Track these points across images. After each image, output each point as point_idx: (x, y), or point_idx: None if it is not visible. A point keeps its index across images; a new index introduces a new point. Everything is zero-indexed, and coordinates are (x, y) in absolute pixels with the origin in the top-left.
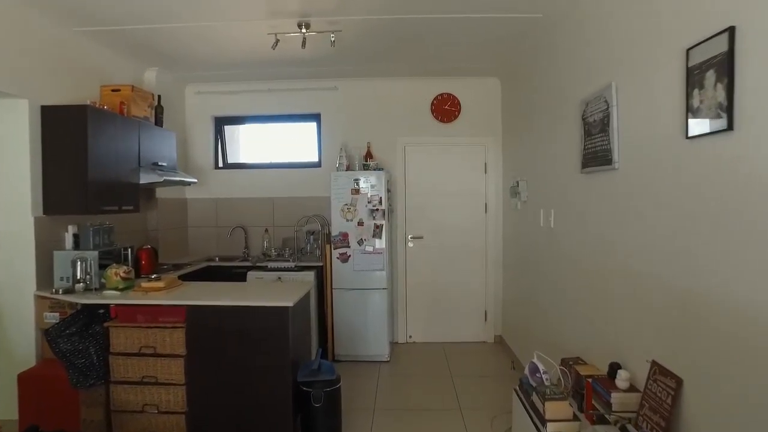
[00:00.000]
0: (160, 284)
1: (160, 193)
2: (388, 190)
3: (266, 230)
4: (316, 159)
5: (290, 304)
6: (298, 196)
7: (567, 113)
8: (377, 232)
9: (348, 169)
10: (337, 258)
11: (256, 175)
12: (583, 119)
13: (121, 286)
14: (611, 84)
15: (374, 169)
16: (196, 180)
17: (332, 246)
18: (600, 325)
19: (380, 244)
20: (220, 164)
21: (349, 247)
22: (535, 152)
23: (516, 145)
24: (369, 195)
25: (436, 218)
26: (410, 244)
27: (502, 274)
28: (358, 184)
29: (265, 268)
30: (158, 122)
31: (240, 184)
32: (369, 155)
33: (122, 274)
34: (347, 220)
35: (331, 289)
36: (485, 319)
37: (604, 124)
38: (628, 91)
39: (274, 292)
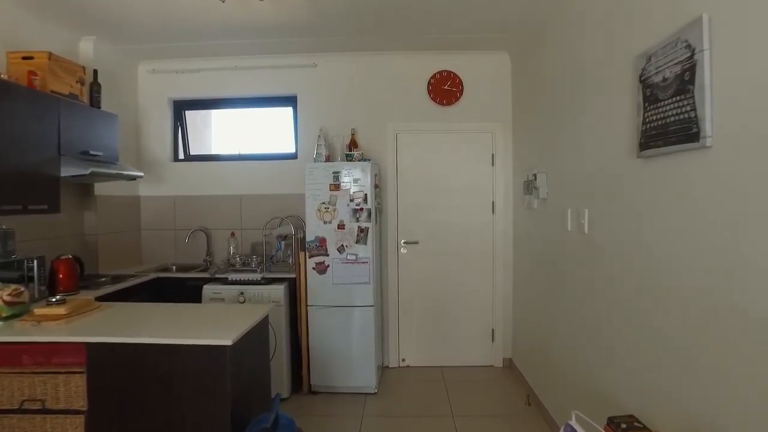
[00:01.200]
0: (60, 310)
1: (102, 189)
2: (376, 186)
3: (232, 234)
4: (292, 150)
5: (228, 342)
6: (270, 194)
7: (610, 79)
8: (362, 236)
9: (328, 160)
10: (313, 268)
11: (221, 168)
12: (643, 81)
13: (4, 314)
14: (701, 18)
15: (359, 160)
16: (141, 174)
17: (307, 254)
18: (670, 372)
19: (365, 251)
20: (181, 156)
21: (327, 255)
22: (559, 137)
23: (531, 131)
24: (352, 192)
25: (434, 220)
26: (403, 251)
27: (513, 287)
28: (338, 179)
29: (225, 281)
30: (94, 102)
31: (203, 179)
32: (353, 144)
33: (5, 298)
34: (325, 223)
35: (306, 306)
36: (492, 340)
37: (685, 81)
38: (733, 25)
39: (214, 321)
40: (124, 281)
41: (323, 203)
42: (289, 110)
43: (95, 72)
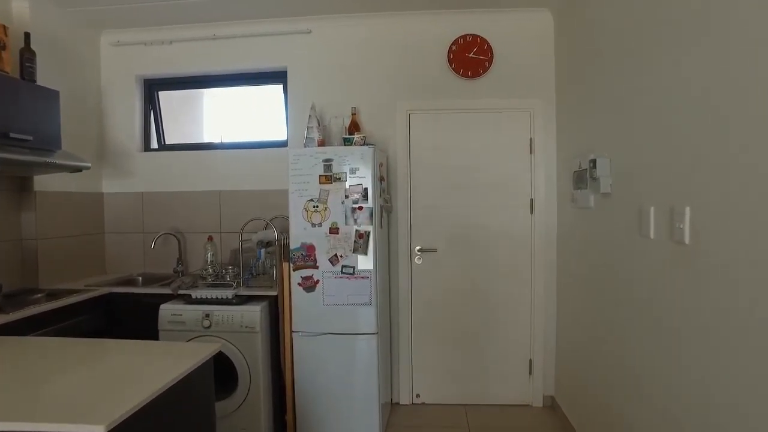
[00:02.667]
0: None
1: (46, 184)
2: (381, 179)
3: (210, 238)
4: (283, 137)
5: (100, 430)
6: (256, 189)
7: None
8: (361, 243)
9: (322, 146)
10: (299, 284)
11: (199, 159)
12: None
13: None
14: None
15: (360, 146)
16: (87, 164)
17: (291, 265)
18: None
19: (365, 262)
20: (154, 145)
21: (317, 267)
22: (633, 108)
23: (584, 106)
24: (347, 185)
25: (457, 222)
26: (418, 261)
27: (557, 307)
28: (330, 169)
29: (188, 298)
30: (25, 74)
31: (177, 172)
32: (354, 126)
33: None
34: (313, 225)
35: (291, 332)
36: (530, 373)
37: None
38: None
39: (113, 380)
40: (62, 298)
41: (311, 200)
42: (279, 88)
43: (27, 36)
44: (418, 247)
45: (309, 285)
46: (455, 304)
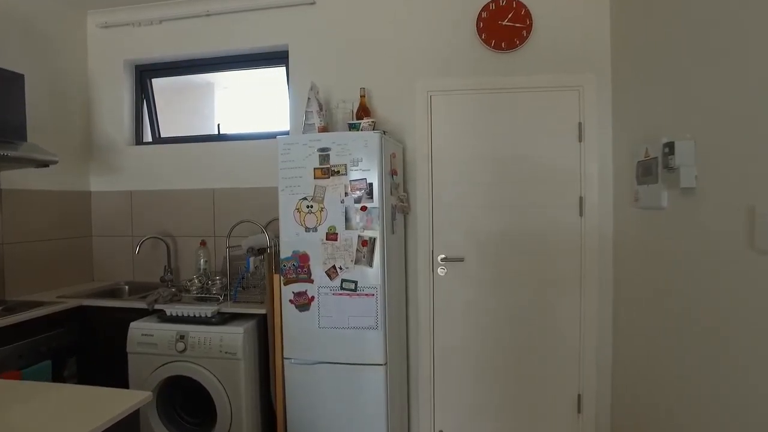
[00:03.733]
0: None
1: (14, 181)
2: (394, 172)
3: (202, 243)
4: (286, 127)
5: None
6: (255, 187)
7: None
8: (365, 252)
9: (325, 131)
10: (291, 302)
11: (193, 153)
12: None
13: None
14: None
15: (364, 130)
16: (54, 158)
17: (281, 278)
18: None
19: (371, 276)
20: (148, 138)
21: (311, 281)
22: (735, 67)
23: (656, 76)
24: (349, 180)
25: (489, 225)
26: (441, 272)
27: (613, 333)
28: (327, 159)
29: (163, 316)
30: None
31: (168, 167)
32: (363, 111)
33: None
34: (307, 230)
35: (282, 359)
36: (579, 411)
37: None
38: None
39: None
40: (20, 313)
41: (305, 199)
42: (282, 71)
43: None
44: (441, 256)
45: (302, 302)
46: (486, 325)
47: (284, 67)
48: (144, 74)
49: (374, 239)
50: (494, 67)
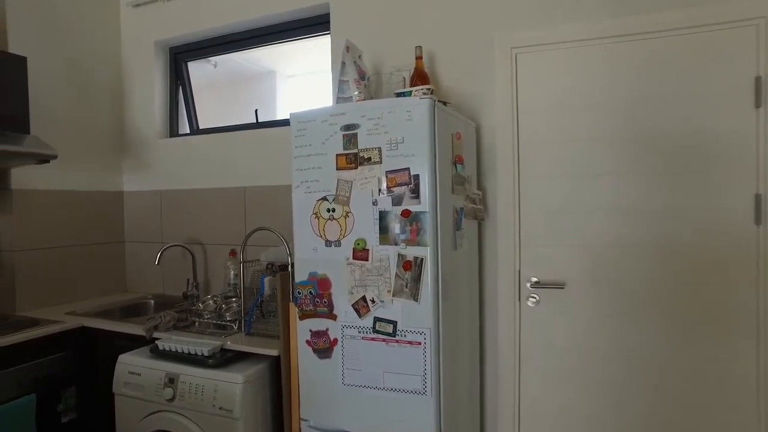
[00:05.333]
0: None
1: (28, 181)
2: (457, 160)
3: (232, 253)
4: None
5: None
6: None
7: None
8: (408, 278)
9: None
10: (308, 343)
11: (222, 145)
12: None
13: None
14: None
15: (410, 96)
16: (53, 153)
17: (298, 310)
18: None
19: (419, 316)
20: (185, 130)
21: (333, 317)
22: None
23: None
24: (384, 172)
25: (607, 238)
26: (530, 302)
27: None
28: (353, 142)
29: (156, 350)
30: None
31: (198, 162)
32: (420, 78)
33: None
34: (328, 243)
35: (299, 420)
36: None
37: None
38: None
39: None
40: (10, 335)
41: (324, 200)
42: (326, 41)
43: None
44: (532, 280)
45: (322, 346)
46: (602, 381)
47: (329, 35)
48: (179, 57)
49: (422, 260)
50: (614, 4)
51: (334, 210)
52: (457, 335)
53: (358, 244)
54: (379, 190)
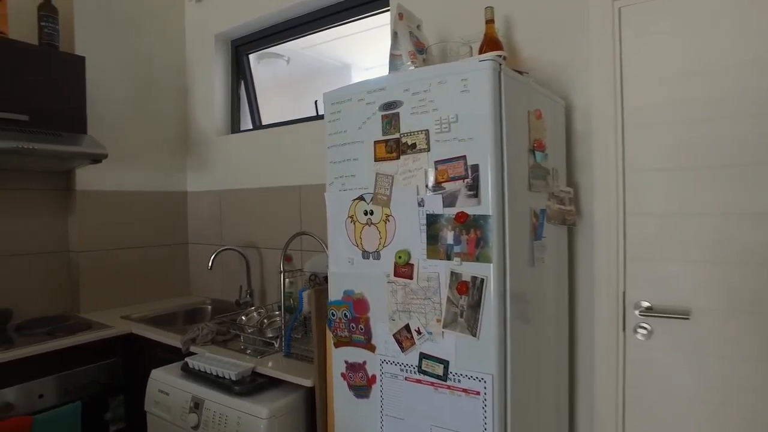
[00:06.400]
0: None
1: (91, 181)
2: (536, 146)
3: (288, 258)
4: None
5: None
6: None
7: None
8: (462, 304)
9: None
10: (343, 377)
11: (280, 140)
12: None
13: None
14: None
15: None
16: (104, 152)
17: (332, 335)
18: None
19: (479, 356)
20: (248, 126)
21: (371, 347)
22: None
23: None
24: (432, 162)
25: (751, 247)
26: (639, 335)
27: None
28: (395, 123)
29: (186, 368)
30: (44, 37)
31: (255, 160)
32: (490, 45)
33: None
34: (366, 255)
35: None
36: None
37: None
38: None
39: None
40: (63, 338)
41: (361, 199)
42: (385, 19)
43: None
44: (643, 305)
45: (358, 383)
46: None
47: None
48: (240, 50)
49: (482, 281)
50: None
51: (372, 212)
52: (533, 382)
53: (400, 257)
54: (426, 187)
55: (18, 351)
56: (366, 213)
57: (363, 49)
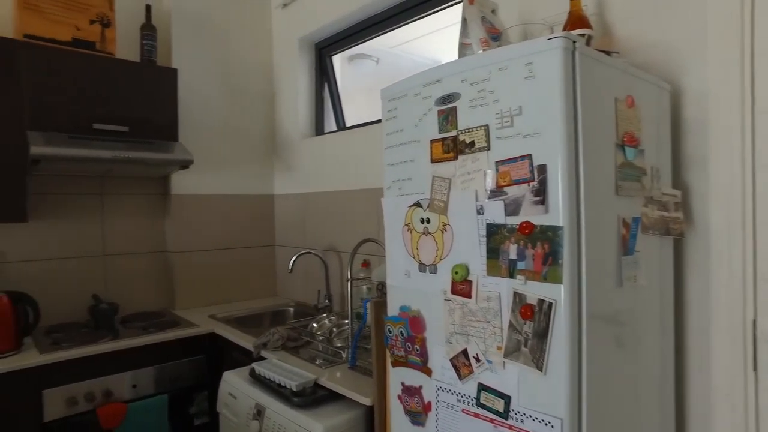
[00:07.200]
0: None
1: (185, 185)
2: (628, 141)
3: (365, 263)
4: None
5: None
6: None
7: None
8: (527, 331)
9: None
10: (399, 399)
11: (363, 140)
12: None
13: None
14: None
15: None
16: (190, 158)
17: (389, 353)
18: None
19: (547, 393)
20: (332, 128)
21: (428, 371)
22: None
23: None
24: (493, 162)
25: None
26: None
27: None
28: (452, 119)
29: (253, 374)
30: (145, 53)
31: (339, 162)
32: (575, 23)
33: None
34: (422, 267)
35: None
36: None
37: None
38: None
39: None
40: (155, 333)
41: (418, 206)
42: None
43: (147, 8)
44: None
45: (414, 408)
46: None
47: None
48: (323, 52)
49: (550, 305)
50: None
51: (428, 220)
52: (621, 429)
53: (457, 272)
54: (486, 192)
55: (120, 342)
56: (422, 221)
57: (452, 44)
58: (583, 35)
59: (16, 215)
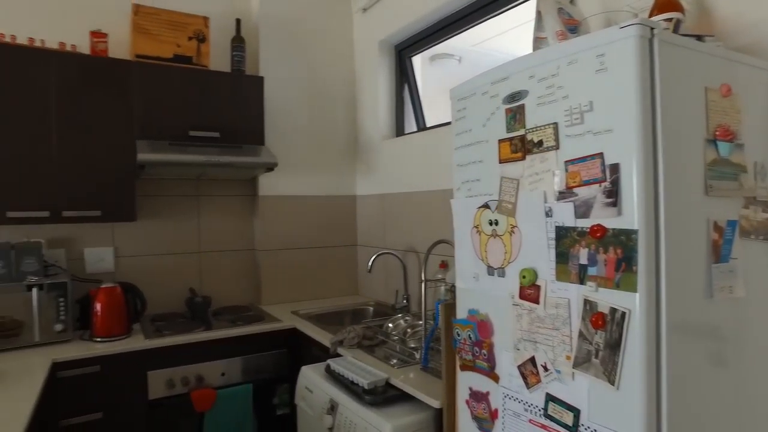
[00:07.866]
0: None
1: (271, 187)
2: (721, 135)
3: (442, 264)
4: None
5: None
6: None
7: None
8: (599, 341)
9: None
10: (466, 404)
11: (440, 141)
12: None
13: None
14: None
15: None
16: (273, 161)
17: (458, 357)
18: None
19: (618, 408)
20: (412, 128)
21: (496, 378)
22: None
23: None
24: (562, 162)
25: None
26: None
27: None
28: (519, 117)
29: (328, 370)
30: (235, 64)
31: (419, 163)
32: (662, 5)
33: None
34: (491, 270)
35: None
36: None
37: None
38: None
39: None
40: (240, 326)
41: (486, 207)
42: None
43: (238, 22)
44: None
45: (481, 414)
46: None
47: None
48: (403, 53)
49: (623, 314)
50: None
51: (496, 222)
52: None
53: (525, 276)
54: (555, 193)
55: (212, 333)
56: (491, 223)
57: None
58: (670, 19)
59: (127, 215)
